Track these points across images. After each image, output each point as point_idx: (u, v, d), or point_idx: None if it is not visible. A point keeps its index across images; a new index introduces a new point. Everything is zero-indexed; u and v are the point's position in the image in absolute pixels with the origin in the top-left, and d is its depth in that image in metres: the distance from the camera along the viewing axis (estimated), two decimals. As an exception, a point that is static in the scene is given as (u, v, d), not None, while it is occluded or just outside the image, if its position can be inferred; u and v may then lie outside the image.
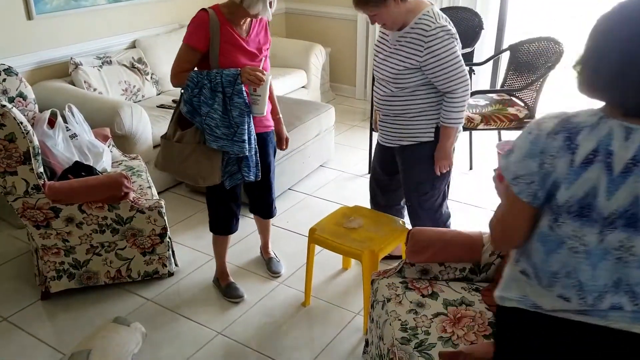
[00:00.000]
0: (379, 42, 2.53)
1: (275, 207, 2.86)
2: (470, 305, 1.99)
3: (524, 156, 1.23)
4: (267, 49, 2.49)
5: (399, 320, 1.95)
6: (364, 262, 2.44)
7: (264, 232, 3.00)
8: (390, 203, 2.90)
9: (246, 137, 2.35)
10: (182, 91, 2.35)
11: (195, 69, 2.36)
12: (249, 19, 2.37)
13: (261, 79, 2.27)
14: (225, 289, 2.79)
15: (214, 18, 2.28)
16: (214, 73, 2.28)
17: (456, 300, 2.02)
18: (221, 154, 2.37)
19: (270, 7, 2.29)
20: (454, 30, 2.33)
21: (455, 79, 2.35)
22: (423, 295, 2.05)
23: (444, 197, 2.69)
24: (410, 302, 2.02)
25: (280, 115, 2.71)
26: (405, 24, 2.34)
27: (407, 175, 2.65)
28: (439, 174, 2.55)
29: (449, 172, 2.60)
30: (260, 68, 2.35)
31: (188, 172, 2.40)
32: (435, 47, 2.28)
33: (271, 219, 2.94)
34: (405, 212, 2.88)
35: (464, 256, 2.09)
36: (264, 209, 2.83)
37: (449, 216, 2.76)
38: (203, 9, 2.31)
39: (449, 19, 2.37)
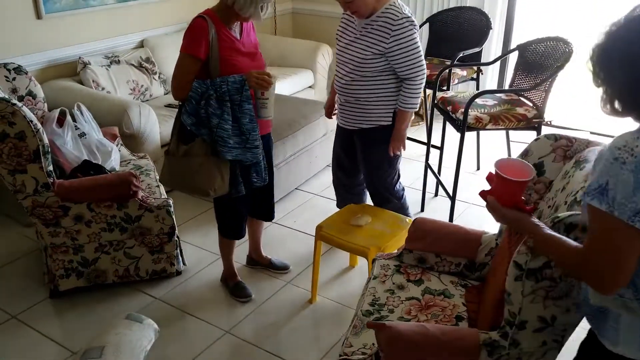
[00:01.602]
0: (343, 27, 2.67)
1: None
2: (449, 297, 2.03)
3: (634, 189, 1.13)
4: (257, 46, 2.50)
5: (373, 296, 2.06)
6: (369, 259, 2.44)
7: (257, 236, 2.93)
8: (353, 183, 3.04)
9: (258, 143, 2.34)
10: (183, 103, 2.28)
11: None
12: (239, 21, 2.36)
13: (270, 82, 2.26)
14: (234, 289, 2.79)
15: (210, 24, 2.24)
16: (219, 82, 2.23)
17: (437, 290, 2.06)
18: (229, 162, 2.34)
19: (262, 10, 2.28)
20: (416, 21, 2.55)
21: (415, 67, 2.54)
22: (409, 280, 2.12)
23: (399, 175, 2.94)
24: (393, 283, 2.11)
25: None
26: (372, 12, 2.48)
27: (366, 156, 2.79)
28: (391, 154, 2.75)
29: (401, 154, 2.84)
30: (264, 69, 2.34)
31: (198, 186, 2.33)
32: (401, 36, 2.46)
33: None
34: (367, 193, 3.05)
35: (459, 251, 2.11)
36: (267, 212, 2.81)
37: (403, 190, 3.00)
38: (199, 16, 2.26)
39: (411, 11, 2.56)
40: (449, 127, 3.41)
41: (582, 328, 1.47)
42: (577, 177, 1.64)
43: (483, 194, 1.53)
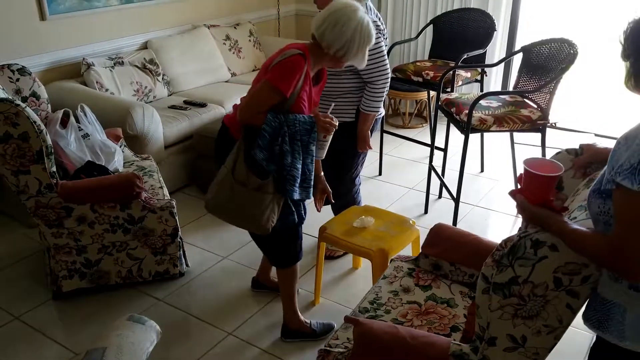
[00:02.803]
0: None
1: None
2: (452, 307, 2.01)
3: None
4: None
5: (376, 294, 2.07)
6: (373, 261, 2.43)
7: None
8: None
9: (312, 182, 2.26)
10: (247, 133, 2.13)
11: None
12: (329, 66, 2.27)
13: (335, 126, 2.21)
14: (319, 329, 2.54)
15: (305, 65, 2.12)
16: (291, 119, 2.10)
17: (442, 298, 2.05)
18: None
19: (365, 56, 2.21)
20: (383, 26, 2.60)
21: (377, 71, 2.59)
22: (417, 285, 2.11)
23: (359, 171, 2.98)
24: (400, 285, 2.10)
25: None
26: None
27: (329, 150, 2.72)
28: (360, 150, 2.80)
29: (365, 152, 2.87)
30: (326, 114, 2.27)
31: (261, 222, 2.17)
32: None
33: None
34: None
35: (473, 261, 2.07)
36: None
37: (359, 184, 3.04)
38: (300, 54, 2.08)
39: (380, 16, 2.62)
40: (452, 128, 3.40)
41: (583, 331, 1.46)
42: (582, 194, 1.60)
43: (513, 192, 1.52)
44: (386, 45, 2.68)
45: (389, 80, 2.67)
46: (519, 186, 1.52)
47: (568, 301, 1.37)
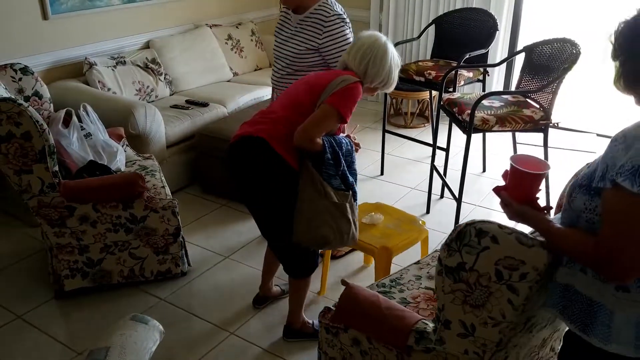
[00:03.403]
0: (281, 24, 2.72)
1: None
2: None
3: None
4: None
5: (401, 274, 2.15)
6: (376, 258, 2.43)
7: (277, 267, 2.69)
8: None
9: None
10: (311, 157, 2.13)
11: None
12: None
13: (359, 146, 2.39)
14: (314, 333, 2.51)
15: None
16: (338, 141, 2.19)
17: None
18: None
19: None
20: (347, 18, 2.62)
21: None
22: None
23: None
24: (428, 273, 2.15)
25: None
26: (306, 8, 2.56)
27: None
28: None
29: None
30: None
31: (354, 232, 2.22)
32: (333, 32, 2.51)
33: None
34: None
35: None
36: None
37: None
38: (359, 82, 2.19)
39: (343, 9, 2.64)
40: (454, 128, 3.40)
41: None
42: None
43: (497, 189, 1.52)
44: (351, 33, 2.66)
45: None
46: (504, 183, 1.52)
47: (509, 296, 1.40)
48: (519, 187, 1.46)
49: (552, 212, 1.69)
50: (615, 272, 1.20)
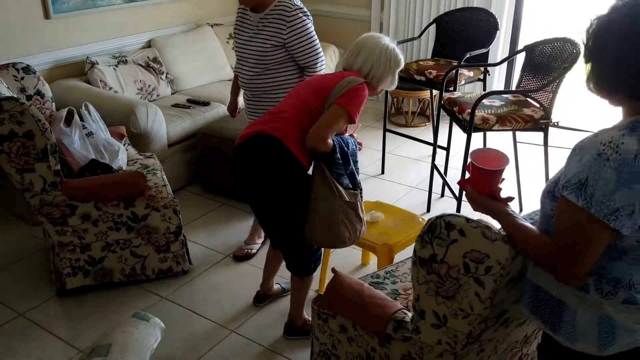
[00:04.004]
0: (240, 25, 2.73)
1: None
2: None
3: (615, 187, 1.12)
4: None
5: (396, 267, 2.18)
6: (378, 255, 2.45)
7: (277, 266, 2.68)
8: None
9: None
10: (323, 158, 2.15)
11: None
12: None
13: (361, 145, 2.43)
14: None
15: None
16: (346, 141, 2.22)
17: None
18: None
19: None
20: (308, 12, 2.65)
21: (313, 54, 2.63)
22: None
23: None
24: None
25: None
26: (266, 6, 2.58)
27: None
28: None
29: None
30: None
31: (361, 230, 2.26)
32: (296, 27, 2.55)
33: None
34: None
35: None
36: None
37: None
38: (366, 82, 2.22)
39: (302, 3, 2.65)
40: (455, 127, 3.40)
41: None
42: None
43: (462, 182, 1.55)
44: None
45: (324, 61, 2.71)
46: (467, 175, 1.55)
47: (476, 289, 1.43)
48: (481, 181, 1.50)
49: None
50: (563, 275, 1.25)
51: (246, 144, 2.18)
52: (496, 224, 1.45)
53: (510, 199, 1.49)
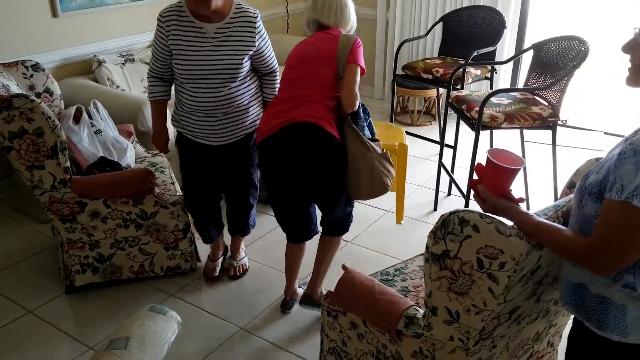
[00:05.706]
0: (187, 41, 2.36)
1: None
2: None
3: None
4: None
5: (405, 265, 2.19)
6: (400, 153, 3.13)
7: (299, 265, 2.65)
8: (216, 199, 2.85)
9: None
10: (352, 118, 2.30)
11: None
12: None
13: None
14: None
15: None
16: None
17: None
18: None
19: None
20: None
21: (274, 58, 2.61)
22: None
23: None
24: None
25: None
26: (224, 14, 2.37)
27: (242, 165, 2.69)
28: None
29: None
30: None
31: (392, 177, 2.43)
32: (263, 30, 2.48)
33: None
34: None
35: None
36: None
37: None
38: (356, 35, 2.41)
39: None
40: (462, 125, 3.40)
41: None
42: None
43: (472, 183, 1.55)
44: None
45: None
46: (475, 177, 1.55)
47: (489, 285, 1.43)
48: (497, 180, 1.49)
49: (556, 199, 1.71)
50: (602, 268, 1.26)
51: (284, 133, 2.26)
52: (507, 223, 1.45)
53: (522, 199, 1.49)
